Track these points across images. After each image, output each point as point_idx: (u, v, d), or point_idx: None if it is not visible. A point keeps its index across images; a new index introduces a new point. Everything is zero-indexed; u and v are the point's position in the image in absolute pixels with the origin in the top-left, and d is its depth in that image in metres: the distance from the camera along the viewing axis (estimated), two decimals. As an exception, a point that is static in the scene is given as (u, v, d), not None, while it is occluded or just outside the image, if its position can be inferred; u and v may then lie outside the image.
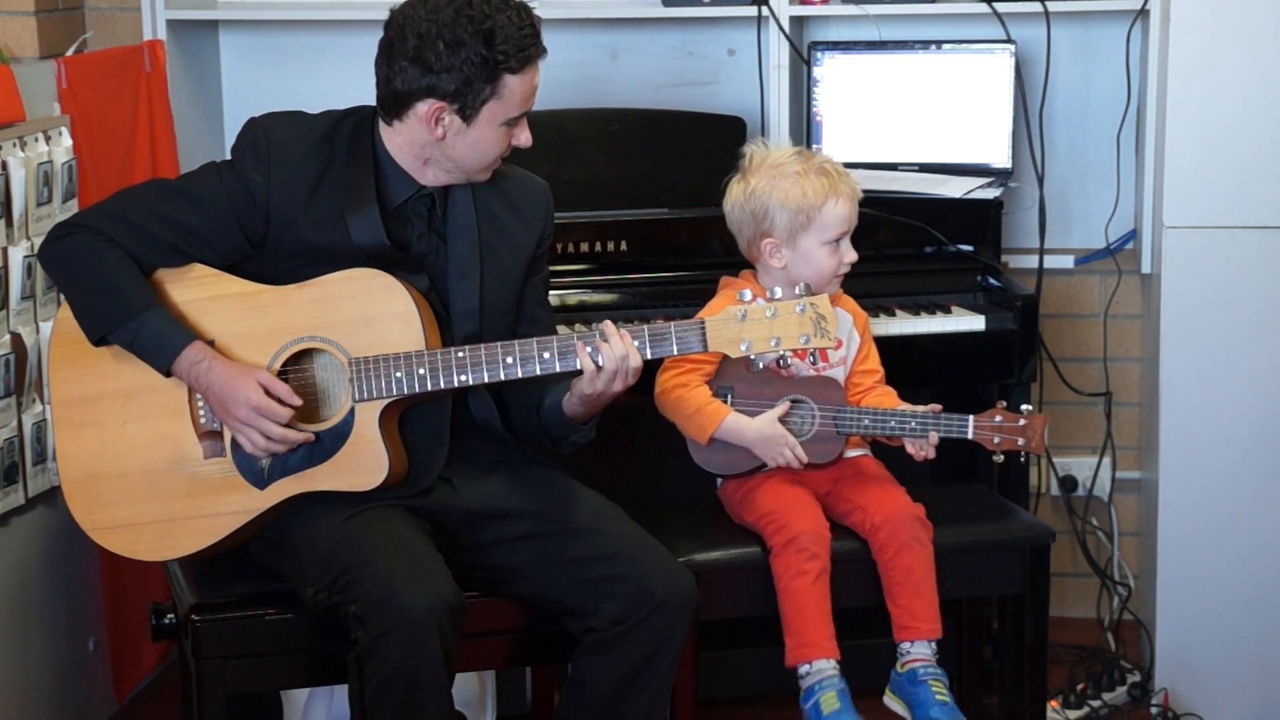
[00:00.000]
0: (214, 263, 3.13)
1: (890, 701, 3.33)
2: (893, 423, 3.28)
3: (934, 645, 3.29)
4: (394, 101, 3.08)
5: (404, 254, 3.13)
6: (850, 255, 3.36)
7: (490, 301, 3.17)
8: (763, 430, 3.31)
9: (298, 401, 3.04)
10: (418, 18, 3.02)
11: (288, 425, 3.03)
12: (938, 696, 3.24)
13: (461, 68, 3.01)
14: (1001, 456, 3.28)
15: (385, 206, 3.13)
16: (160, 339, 3.05)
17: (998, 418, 3.27)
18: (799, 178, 3.34)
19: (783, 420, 3.32)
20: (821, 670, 3.23)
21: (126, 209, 3.12)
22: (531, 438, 3.23)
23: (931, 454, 3.29)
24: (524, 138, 3.13)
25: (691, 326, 3.02)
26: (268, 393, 3.02)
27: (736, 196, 3.39)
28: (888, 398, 3.41)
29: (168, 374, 3.07)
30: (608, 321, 3.06)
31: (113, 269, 3.06)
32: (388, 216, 3.12)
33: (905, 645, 3.29)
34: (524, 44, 3.03)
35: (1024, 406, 3.29)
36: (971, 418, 3.27)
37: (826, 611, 3.25)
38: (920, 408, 3.30)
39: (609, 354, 3.01)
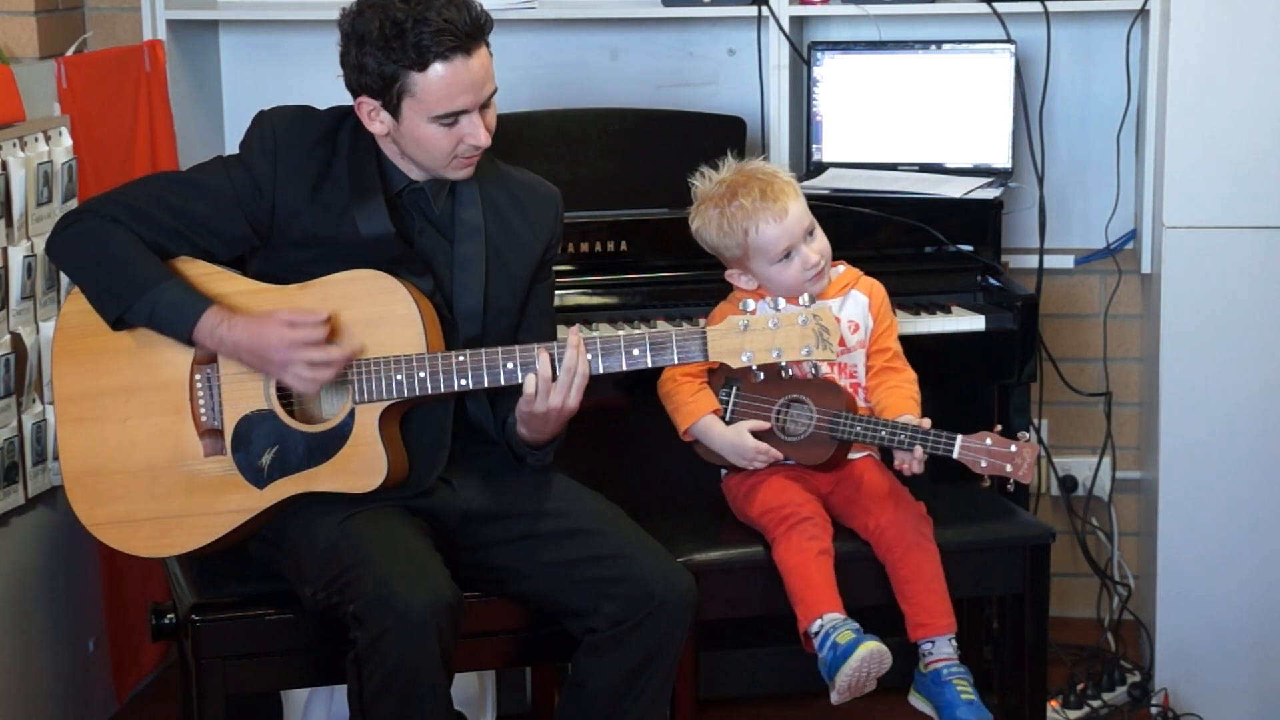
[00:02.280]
0: (220, 253, 3.14)
1: (916, 701, 3.33)
2: (883, 433, 3.26)
3: (954, 641, 3.28)
4: (353, 99, 3.11)
5: (409, 247, 3.13)
6: (813, 256, 3.30)
7: (494, 304, 3.17)
8: (730, 439, 3.31)
9: (326, 313, 3.02)
10: (344, 17, 3.07)
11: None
12: (963, 696, 3.24)
13: (366, 64, 3.02)
14: (988, 481, 3.25)
15: (386, 198, 3.13)
16: (177, 309, 3.04)
17: (988, 440, 3.20)
18: (720, 214, 3.31)
19: (779, 420, 3.32)
20: (831, 620, 3.21)
21: (132, 197, 3.12)
22: (504, 449, 3.23)
23: (918, 468, 3.25)
24: (478, 137, 3.06)
25: (693, 335, 3.02)
26: (293, 324, 3.02)
27: (695, 238, 3.40)
28: (897, 392, 3.37)
29: (190, 342, 3.06)
30: (572, 331, 3.04)
31: (122, 248, 3.06)
32: (389, 208, 3.13)
33: (926, 645, 3.29)
34: (427, 41, 2.98)
35: (1021, 434, 3.22)
36: (960, 437, 3.21)
37: (831, 581, 3.24)
38: (915, 420, 3.28)
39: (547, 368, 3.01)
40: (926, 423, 3.26)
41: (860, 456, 3.42)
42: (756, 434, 3.32)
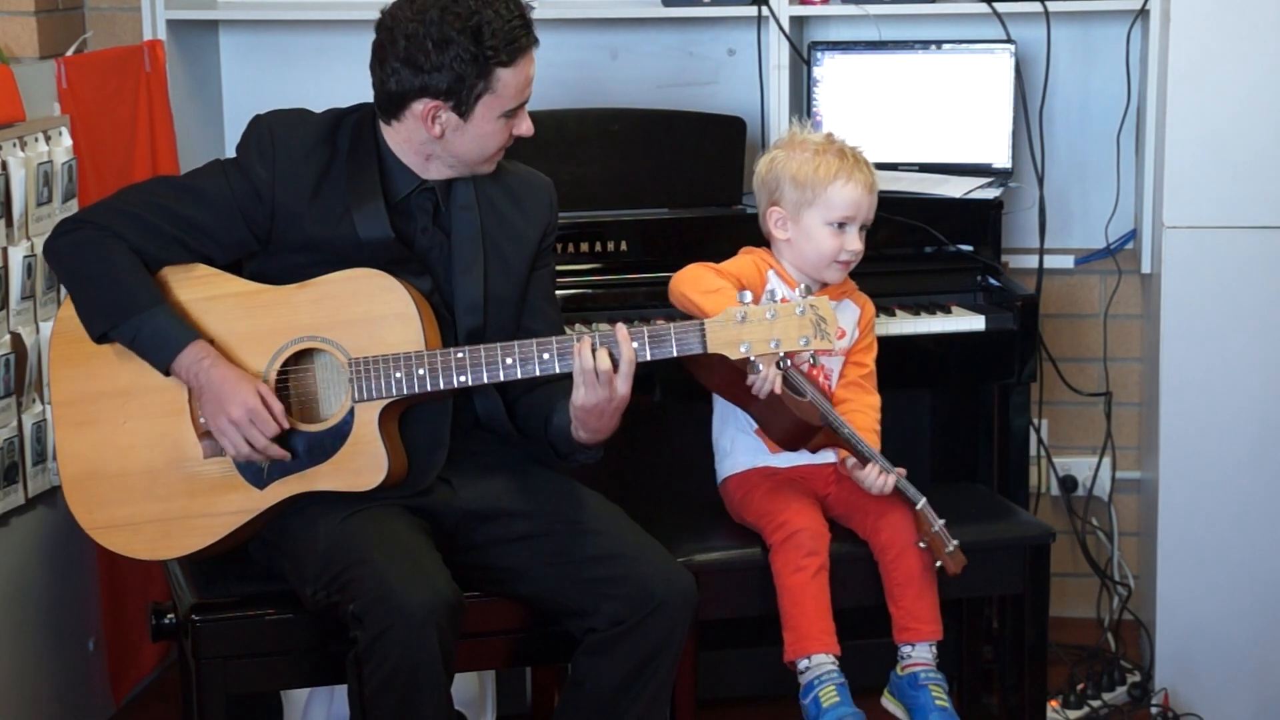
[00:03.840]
0: (220, 258, 3.14)
1: (888, 703, 3.33)
2: (863, 449, 3.28)
3: (934, 648, 3.30)
4: (390, 103, 3.09)
5: (408, 249, 3.13)
6: (854, 244, 3.36)
7: (494, 295, 3.17)
8: None
9: (286, 425, 3.04)
10: (405, 18, 3.03)
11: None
12: (937, 701, 3.24)
13: (451, 65, 3.01)
14: (924, 544, 3.27)
15: (389, 200, 3.13)
16: (161, 337, 3.05)
17: (942, 521, 3.25)
18: (815, 154, 3.37)
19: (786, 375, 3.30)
20: (820, 665, 3.23)
21: (132, 204, 3.12)
22: (538, 449, 3.22)
23: (887, 489, 3.26)
24: (525, 127, 3.13)
25: (691, 327, 3.02)
26: (264, 402, 3.03)
27: (760, 167, 3.44)
28: (861, 419, 3.38)
29: (167, 372, 3.07)
30: (586, 338, 3.03)
31: (117, 265, 3.06)
32: (391, 210, 3.13)
33: (906, 648, 3.29)
34: (513, 35, 3.02)
35: (954, 543, 3.25)
36: (924, 500, 3.26)
37: (826, 607, 3.25)
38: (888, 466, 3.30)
39: (582, 364, 2.99)
40: (902, 472, 3.29)
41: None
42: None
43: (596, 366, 2.98)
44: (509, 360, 3.03)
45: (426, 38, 3.01)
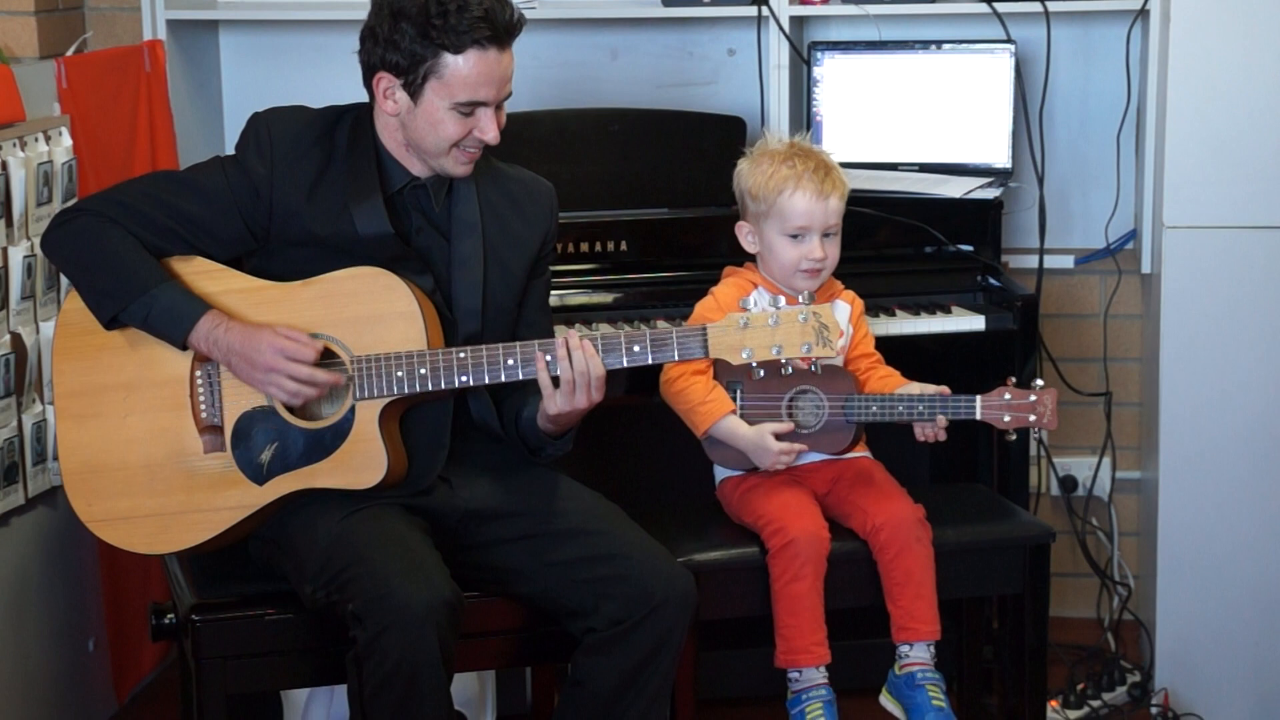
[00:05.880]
0: (217, 253, 3.14)
1: (886, 702, 3.33)
2: (900, 408, 3.26)
3: (932, 648, 3.30)
4: (364, 79, 3.11)
5: (407, 246, 3.13)
6: (816, 253, 3.32)
7: (493, 301, 3.17)
8: (754, 440, 3.30)
9: (320, 347, 3.03)
10: None
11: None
12: (934, 701, 3.25)
13: (399, 40, 3.02)
14: (1015, 435, 3.27)
15: (385, 195, 3.13)
16: (175, 312, 3.05)
17: (1006, 395, 3.23)
18: (769, 166, 3.35)
19: (790, 414, 3.31)
20: (810, 679, 3.24)
21: (129, 195, 3.12)
22: (513, 445, 3.23)
23: (942, 436, 3.26)
24: (490, 134, 3.09)
25: (693, 332, 3.02)
26: (288, 337, 3.02)
27: (733, 179, 3.42)
28: (893, 379, 3.38)
29: (184, 346, 3.06)
30: (570, 332, 3.05)
31: (119, 248, 3.06)
32: (387, 205, 3.13)
33: (904, 648, 3.29)
34: (469, 25, 3.00)
35: (1036, 382, 3.24)
36: (979, 398, 3.23)
37: (819, 616, 3.26)
38: (929, 388, 3.28)
39: (564, 368, 3.01)
40: (945, 390, 3.27)
41: (858, 455, 3.42)
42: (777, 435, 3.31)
43: (590, 371, 2.99)
44: (510, 361, 3.04)
45: (387, 8, 3.04)
